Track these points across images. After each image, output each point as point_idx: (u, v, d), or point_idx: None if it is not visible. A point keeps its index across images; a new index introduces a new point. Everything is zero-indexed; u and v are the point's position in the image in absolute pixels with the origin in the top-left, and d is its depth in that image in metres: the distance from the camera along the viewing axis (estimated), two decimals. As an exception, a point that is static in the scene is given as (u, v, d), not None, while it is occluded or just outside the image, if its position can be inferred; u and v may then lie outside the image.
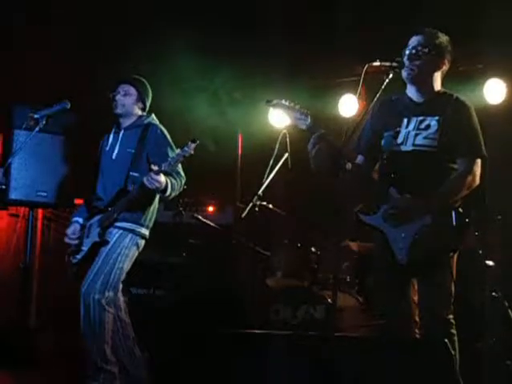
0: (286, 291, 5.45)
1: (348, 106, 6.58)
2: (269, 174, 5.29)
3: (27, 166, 5.37)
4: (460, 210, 3.71)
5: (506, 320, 4.90)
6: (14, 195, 5.34)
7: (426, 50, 3.78)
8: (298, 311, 5.18)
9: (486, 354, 4.77)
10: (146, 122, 4.64)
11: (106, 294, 4.35)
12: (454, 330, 3.73)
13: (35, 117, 4.37)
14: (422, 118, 3.82)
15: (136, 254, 4.53)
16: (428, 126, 3.80)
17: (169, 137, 4.60)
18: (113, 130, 4.70)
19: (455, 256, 3.77)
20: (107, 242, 4.41)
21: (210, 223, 5.82)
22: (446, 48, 3.85)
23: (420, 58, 3.78)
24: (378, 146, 3.94)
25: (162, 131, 4.61)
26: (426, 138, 3.79)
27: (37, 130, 4.40)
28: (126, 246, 4.44)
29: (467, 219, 3.70)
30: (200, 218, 5.81)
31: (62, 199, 5.53)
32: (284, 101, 3.89)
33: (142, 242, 4.55)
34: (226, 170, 7.01)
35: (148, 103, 4.75)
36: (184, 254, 5.78)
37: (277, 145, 5.34)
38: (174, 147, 4.50)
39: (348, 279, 5.58)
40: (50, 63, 5.95)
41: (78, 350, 4.56)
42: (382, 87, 3.72)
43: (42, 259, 5.92)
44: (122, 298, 4.50)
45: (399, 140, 3.85)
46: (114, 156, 4.59)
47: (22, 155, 5.27)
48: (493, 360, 4.75)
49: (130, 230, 4.46)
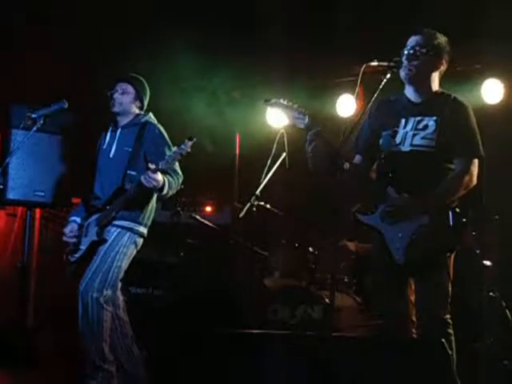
0: (284, 291, 5.44)
1: (346, 105, 6.58)
2: (266, 174, 5.29)
3: (25, 165, 5.36)
4: (457, 209, 3.71)
5: (503, 320, 4.90)
6: (11, 195, 5.32)
7: (424, 51, 3.78)
8: (296, 311, 5.17)
9: (483, 354, 4.78)
10: (143, 120, 4.63)
11: (104, 293, 4.34)
12: (451, 330, 3.73)
13: (33, 116, 4.37)
14: (419, 118, 3.82)
15: (134, 252, 4.53)
16: (426, 127, 3.80)
17: (166, 135, 4.59)
18: (110, 129, 4.69)
19: (452, 256, 3.77)
20: (105, 240, 4.41)
21: (208, 223, 5.81)
22: (444, 48, 3.85)
23: (418, 58, 3.78)
24: (375, 146, 3.94)
25: (160, 130, 4.60)
26: (423, 138, 3.79)
27: (34, 129, 4.40)
28: (124, 244, 4.44)
29: (464, 219, 3.70)
30: (198, 217, 5.80)
31: (59, 199, 5.51)
32: (282, 100, 3.89)
33: (140, 241, 4.55)
34: (224, 170, 7.01)
35: (146, 102, 4.74)
36: (182, 253, 5.77)
37: (274, 144, 5.33)
38: (172, 146, 4.50)
39: (346, 279, 5.58)
40: (49, 63, 5.94)
41: (77, 349, 4.56)
42: (380, 87, 3.72)
43: (40, 259, 5.91)
44: (121, 297, 4.50)
45: (397, 140, 3.85)
46: (111, 155, 4.59)
47: (20, 155, 5.24)
48: (490, 360, 4.76)
49: (128, 229, 4.45)
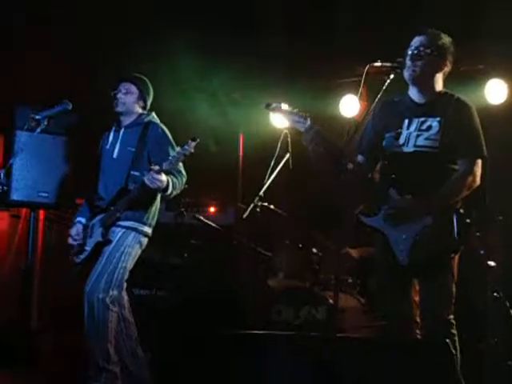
0: (288, 292, 5.44)
1: (349, 106, 6.58)
2: (270, 175, 5.29)
3: (29, 166, 5.36)
4: (461, 210, 3.70)
5: (507, 320, 4.89)
6: (15, 196, 5.33)
7: (428, 51, 3.77)
8: (300, 312, 5.17)
9: (487, 355, 4.77)
10: (146, 120, 4.63)
11: (110, 293, 4.34)
12: (454, 331, 3.72)
13: (37, 118, 4.37)
14: (423, 119, 3.81)
15: (139, 252, 4.53)
16: (429, 127, 3.79)
17: (169, 135, 4.59)
18: (113, 129, 4.69)
19: (456, 257, 3.76)
20: (110, 241, 4.41)
21: (212, 224, 5.80)
22: (448, 49, 3.84)
23: (422, 58, 3.76)
24: (379, 147, 3.93)
25: (163, 130, 4.60)
26: (427, 139, 3.78)
27: (38, 130, 4.41)
28: (129, 244, 4.44)
29: (468, 220, 3.69)
30: (201, 218, 5.80)
31: (63, 200, 5.52)
32: (283, 104, 3.88)
33: (144, 241, 4.55)
34: (228, 171, 7.00)
35: (149, 102, 4.75)
36: (185, 254, 5.77)
37: (278, 145, 5.34)
38: (175, 146, 4.50)
39: (350, 280, 5.57)
40: (50, 63, 5.94)
41: (80, 350, 4.56)
42: (384, 88, 3.72)
43: (44, 260, 5.92)
44: (125, 297, 4.50)
45: (401, 141, 3.84)
46: (114, 155, 4.59)
47: (24, 156, 5.26)
48: (494, 360, 4.75)
49: (132, 229, 4.46)
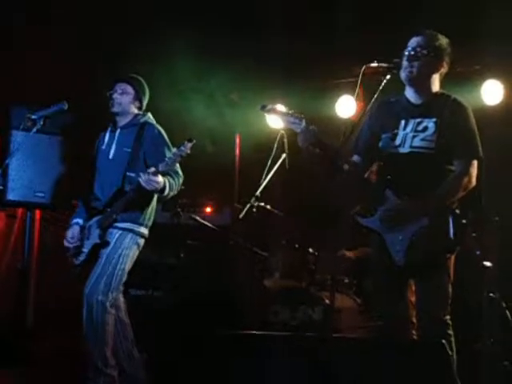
0: (284, 292, 5.44)
1: (346, 107, 6.57)
2: (267, 175, 5.29)
3: (25, 166, 5.35)
4: (457, 211, 3.71)
5: (503, 321, 4.90)
6: (11, 196, 5.31)
7: (425, 52, 3.77)
8: (296, 312, 5.17)
9: (483, 355, 4.77)
10: (142, 120, 4.63)
11: (109, 296, 4.33)
12: (450, 331, 3.73)
13: (33, 117, 4.36)
14: (419, 119, 3.82)
15: (137, 253, 4.53)
16: (425, 128, 3.79)
17: (165, 136, 4.59)
18: (109, 129, 4.68)
19: (452, 257, 3.77)
20: (108, 243, 4.40)
21: (208, 224, 5.80)
22: (445, 50, 3.84)
23: (419, 59, 3.76)
24: (375, 148, 3.93)
25: (159, 130, 4.59)
26: (423, 139, 3.78)
27: (34, 130, 4.40)
28: (127, 246, 4.44)
29: (464, 220, 3.70)
30: (198, 218, 5.80)
31: (59, 200, 5.51)
32: (278, 106, 3.89)
33: (142, 242, 4.55)
34: (224, 171, 7.00)
35: (145, 102, 4.74)
36: (182, 254, 5.76)
37: (275, 145, 5.34)
38: (171, 146, 4.50)
39: (346, 280, 5.57)
40: (49, 63, 5.93)
41: (77, 351, 4.55)
42: (380, 88, 3.73)
43: (40, 260, 5.90)
44: (122, 299, 4.50)
45: (397, 142, 3.84)
46: (110, 155, 4.58)
47: (20, 156, 5.24)
48: (491, 361, 4.75)
49: (129, 230, 4.45)
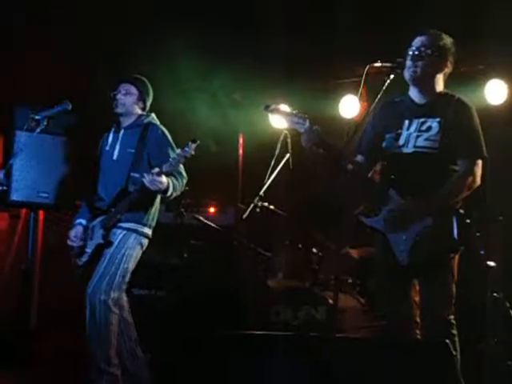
0: (287, 292, 5.43)
1: (349, 107, 6.57)
2: (270, 175, 5.29)
3: (28, 167, 5.35)
4: (461, 211, 3.71)
5: (507, 321, 4.89)
6: (15, 196, 5.31)
7: (429, 52, 3.76)
8: (299, 312, 5.16)
9: (487, 355, 4.77)
10: (145, 121, 4.63)
11: (111, 295, 4.34)
12: (454, 331, 3.72)
13: (36, 118, 4.37)
14: (423, 119, 3.81)
15: (140, 253, 4.53)
16: (429, 128, 3.79)
17: (169, 137, 4.59)
18: (112, 130, 4.69)
19: (456, 257, 3.76)
20: (111, 243, 4.40)
21: (212, 224, 5.81)
22: (449, 50, 3.83)
23: (423, 58, 3.76)
24: (379, 148, 3.93)
25: (163, 131, 4.60)
26: (427, 139, 3.77)
27: (38, 131, 4.40)
28: (130, 246, 4.44)
29: (468, 220, 3.70)
30: (201, 218, 5.80)
31: (63, 201, 5.51)
32: (282, 105, 3.88)
33: (145, 242, 4.55)
34: (228, 171, 7.00)
35: (148, 103, 4.74)
36: (185, 254, 5.77)
37: (278, 145, 5.34)
38: (175, 147, 4.50)
39: (350, 280, 5.57)
40: (50, 63, 5.94)
41: (80, 352, 4.55)
42: (383, 88, 3.72)
43: (43, 261, 5.91)
44: (125, 298, 4.50)
45: (400, 142, 3.83)
46: (114, 156, 4.58)
47: (24, 156, 5.24)
48: (494, 361, 4.75)
49: (133, 230, 4.45)
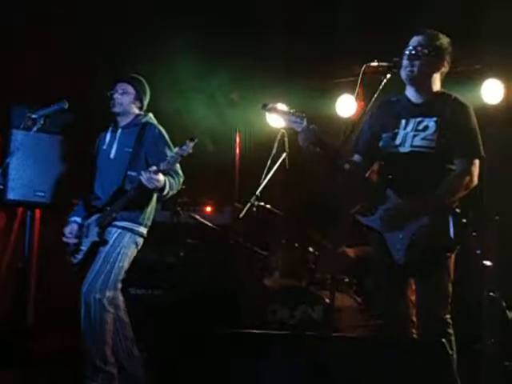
0: (284, 291, 5.44)
1: (346, 106, 6.57)
2: (267, 174, 5.29)
3: (25, 166, 5.33)
4: (457, 210, 3.71)
5: (503, 320, 4.89)
6: (11, 195, 5.30)
7: (425, 51, 3.76)
8: (296, 311, 5.17)
9: (484, 355, 4.77)
10: (143, 120, 4.63)
11: (106, 294, 4.34)
12: (451, 330, 3.73)
13: (33, 117, 4.36)
14: (420, 119, 3.81)
15: (135, 252, 4.54)
16: (426, 127, 3.79)
17: (166, 136, 4.60)
18: (110, 129, 4.69)
19: (453, 256, 3.77)
20: (106, 241, 4.41)
21: (208, 223, 5.80)
22: (446, 50, 3.83)
23: (419, 58, 3.76)
24: (376, 147, 3.93)
25: (160, 130, 4.60)
26: (423, 139, 3.77)
27: (35, 129, 4.40)
28: (126, 245, 4.45)
29: (465, 220, 3.71)
30: (198, 217, 5.80)
31: (59, 199, 5.51)
32: (279, 105, 3.88)
33: (140, 241, 4.56)
34: (224, 170, 6.99)
35: (146, 102, 4.75)
36: (181, 253, 5.75)
37: (275, 145, 5.34)
38: (172, 146, 4.50)
39: (346, 279, 5.57)
40: (50, 63, 5.93)
41: (76, 350, 4.55)
42: (380, 87, 3.73)
43: (40, 259, 5.90)
44: (121, 298, 4.50)
45: (397, 141, 3.84)
46: (111, 155, 4.59)
47: (20, 155, 5.23)
48: (491, 361, 4.75)
49: (128, 229, 4.46)
